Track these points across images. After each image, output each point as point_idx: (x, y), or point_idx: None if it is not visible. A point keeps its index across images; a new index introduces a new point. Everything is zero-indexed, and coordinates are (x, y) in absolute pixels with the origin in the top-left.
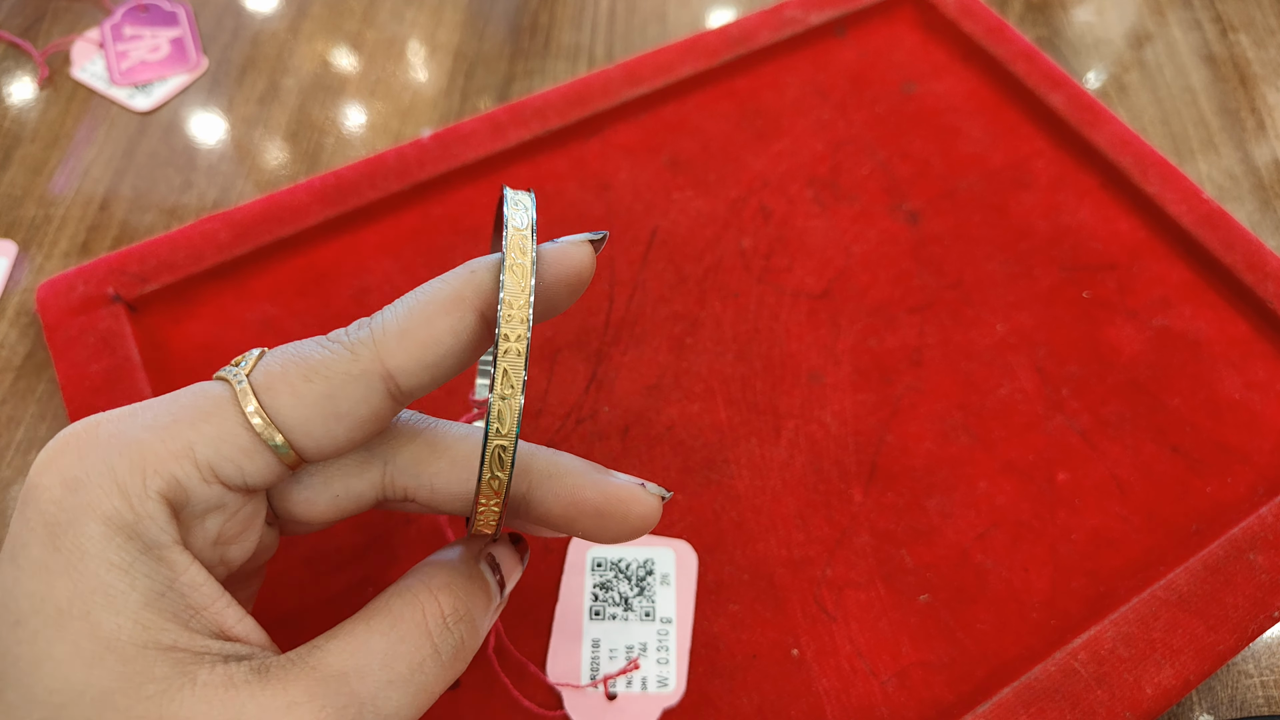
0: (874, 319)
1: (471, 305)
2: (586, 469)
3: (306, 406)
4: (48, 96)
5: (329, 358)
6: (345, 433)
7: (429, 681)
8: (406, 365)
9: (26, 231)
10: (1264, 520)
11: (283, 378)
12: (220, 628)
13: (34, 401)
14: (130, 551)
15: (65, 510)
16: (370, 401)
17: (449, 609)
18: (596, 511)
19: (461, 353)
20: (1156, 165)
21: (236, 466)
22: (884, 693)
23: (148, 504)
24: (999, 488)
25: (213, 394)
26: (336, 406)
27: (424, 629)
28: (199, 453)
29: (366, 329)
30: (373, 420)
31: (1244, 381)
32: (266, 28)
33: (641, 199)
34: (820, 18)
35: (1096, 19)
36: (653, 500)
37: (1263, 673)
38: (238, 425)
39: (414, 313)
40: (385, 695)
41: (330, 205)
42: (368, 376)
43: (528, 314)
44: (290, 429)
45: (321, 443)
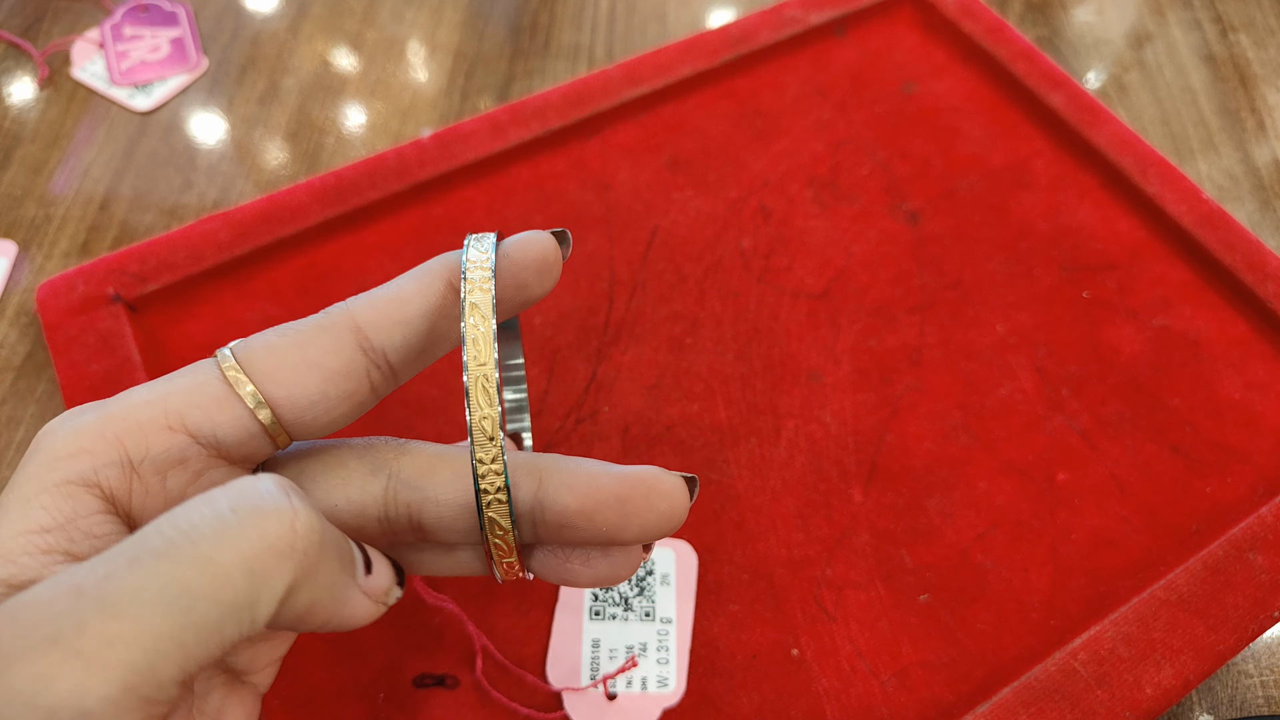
0: (874, 319)
1: (439, 274)
2: (597, 462)
3: (276, 354)
4: (48, 96)
5: (302, 320)
6: (317, 384)
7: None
8: (374, 319)
9: (26, 231)
10: (1264, 520)
11: (259, 338)
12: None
13: (34, 401)
14: (43, 482)
15: (27, 458)
16: (341, 352)
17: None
18: (617, 499)
19: (430, 313)
20: (1156, 165)
21: (205, 414)
22: (884, 693)
23: (95, 441)
24: (999, 488)
25: (196, 363)
26: (306, 354)
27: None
28: (169, 401)
29: (341, 302)
30: (344, 373)
31: (1244, 381)
32: (266, 28)
33: (641, 199)
34: (820, 17)
35: (1096, 19)
36: (675, 480)
37: (1262, 673)
38: (210, 376)
39: (383, 285)
40: (120, 577)
41: (330, 205)
42: (336, 328)
43: (491, 261)
44: (262, 378)
45: (294, 392)
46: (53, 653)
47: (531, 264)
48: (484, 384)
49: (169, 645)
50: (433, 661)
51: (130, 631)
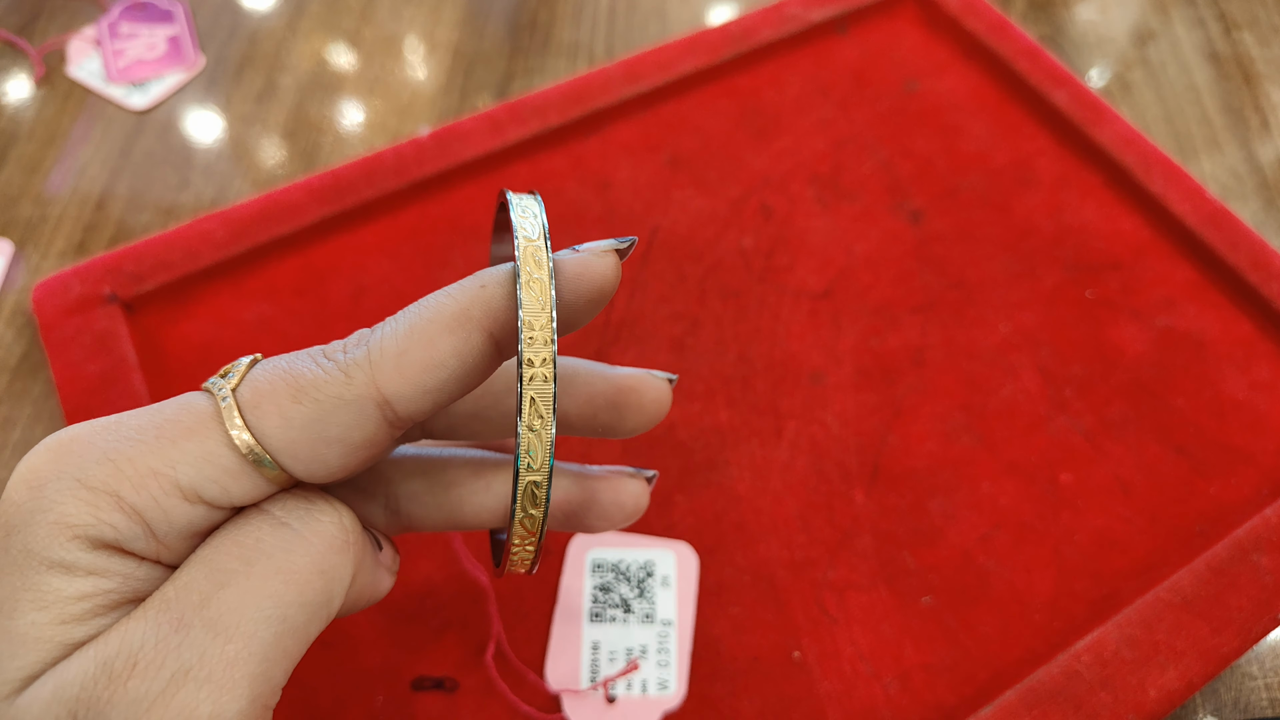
0: (876, 319)
1: (479, 324)
2: (591, 366)
3: (294, 429)
4: (44, 95)
5: (321, 378)
6: (337, 459)
7: (282, 564)
8: (404, 391)
9: (23, 231)
10: (1268, 521)
11: (270, 395)
12: None
13: (30, 402)
14: (75, 551)
15: (24, 512)
16: (364, 428)
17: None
18: (610, 404)
19: (465, 376)
20: (1160, 164)
21: (221, 488)
22: (886, 695)
23: (115, 515)
24: (1002, 489)
25: (196, 408)
26: (326, 431)
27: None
28: (180, 473)
29: (364, 348)
30: (367, 446)
31: (1248, 382)
32: (264, 25)
33: (641, 198)
34: (822, 15)
35: (1099, 17)
36: (661, 383)
37: (1266, 675)
38: (221, 445)
39: (415, 331)
40: (218, 601)
41: (328, 204)
42: (361, 402)
43: (551, 334)
44: (277, 451)
45: (311, 466)
46: (186, 685)
47: (587, 300)
48: (534, 490)
49: (276, 653)
50: (431, 664)
51: (244, 650)
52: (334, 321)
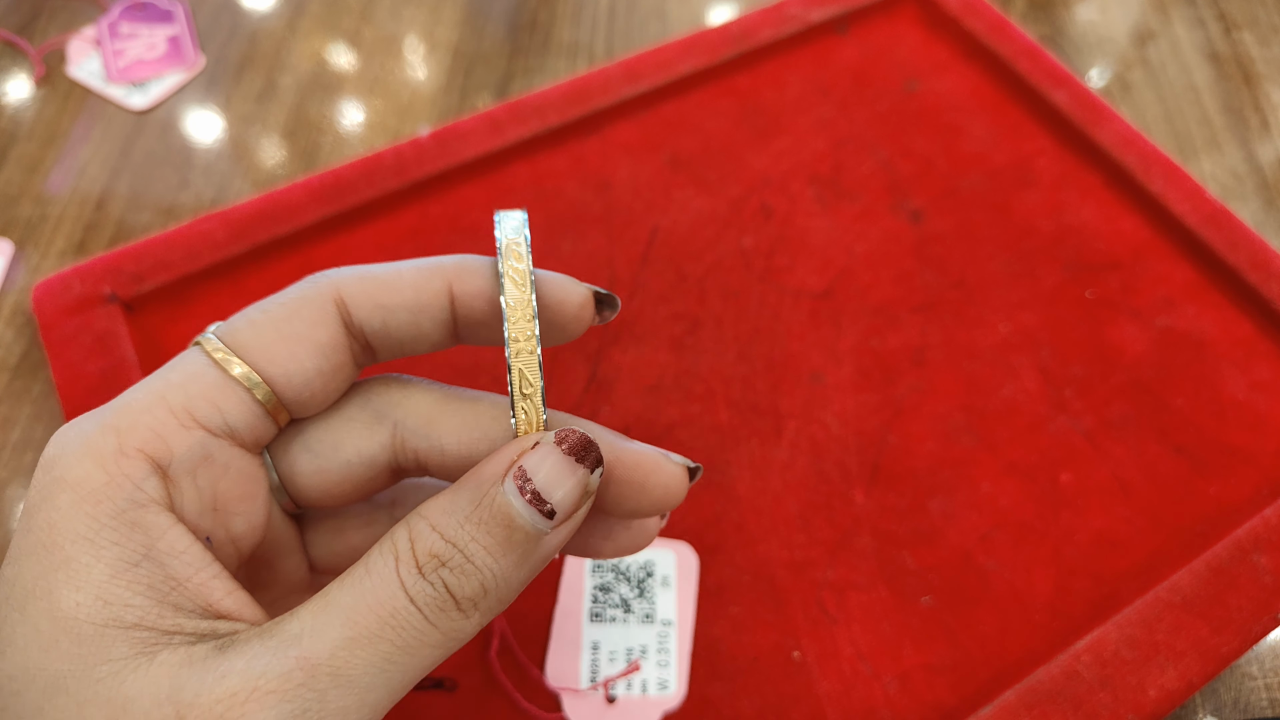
0: (876, 319)
1: (442, 274)
2: (602, 432)
3: (263, 333)
4: (44, 95)
5: (285, 292)
6: (309, 357)
7: (410, 639)
8: (358, 296)
9: (23, 231)
10: (1268, 521)
11: (242, 317)
12: (206, 601)
13: (29, 402)
14: (98, 518)
15: (39, 490)
16: (326, 324)
17: (424, 552)
18: (612, 479)
19: (418, 310)
20: (1160, 164)
21: (212, 404)
22: (886, 695)
23: (123, 462)
24: (1002, 489)
25: (182, 354)
26: (293, 327)
27: (395, 580)
28: (171, 399)
29: (332, 269)
30: (333, 346)
31: (1248, 382)
32: (264, 25)
33: (641, 197)
34: (822, 15)
35: (1099, 17)
36: (675, 469)
37: (1266, 675)
38: (203, 365)
39: (384, 265)
40: (346, 655)
41: (327, 204)
42: (320, 299)
43: (532, 311)
44: (254, 358)
45: (288, 368)
46: None
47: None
48: (515, 248)
49: (383, 706)
50: None
51: (358, 704)
52: None
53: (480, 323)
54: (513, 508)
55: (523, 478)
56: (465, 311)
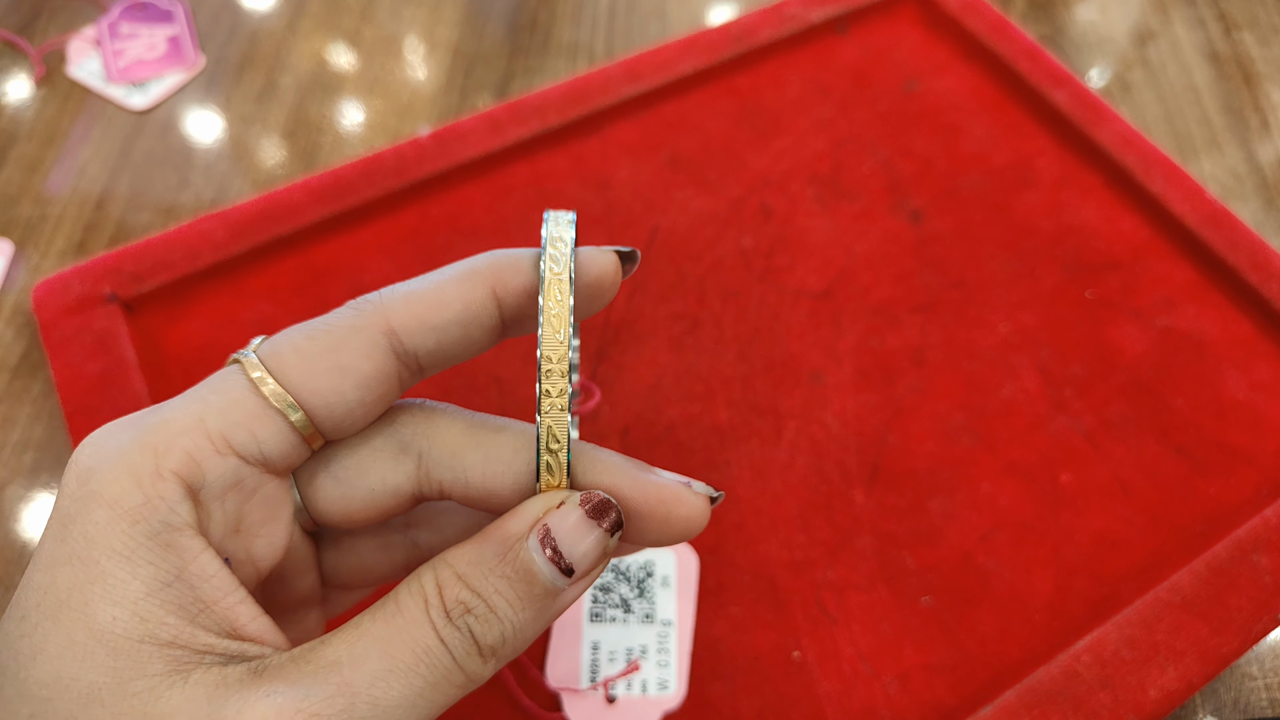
0: (876, 319)
1: (485, 280)
2: (625, 464)
3: (309, 362)
4: (44, 95)
5: (332, 318)
6: (352, 390)
7: (439, 677)
8: (409, 323)
9: (23, 231)
10: (1268, 521)
11: (287, 341)
12: (232, 625)
13: (29, 402)
14: (135, 537)
15: (75, 501)
16: (374, 357)
17: (452, 599)
18: (634, 512)
19: (469, 323)
20: (1160, 164)
21: (249, 433)
22: (886, 695)
23: (159, 484)
24: (1002, 489)
25: (222, 372)
26: (339, 359)
27: (427, 621)
28: (209, 423)
29: (375, 294)
30: (379, 378)
31: (1248, 382)
32: (264, 25)
33: (641, 197)
34: (821, 15)
35: (1099, 17)
36: (698, 501)
37: (1266, 675)
38: (245, 390)
39: (423, 280)
40: (384, 686)
41: (327, 204)
42: (370, 330)
43: (568, 365)
44: (296, 387)
45: (330, 400)
46: None
47: (590, 284)
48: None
49: None
50: None
51: None
52: None
53: (530, 317)
54: (535, 564)
55: (546, 536)
56: (513, 312)
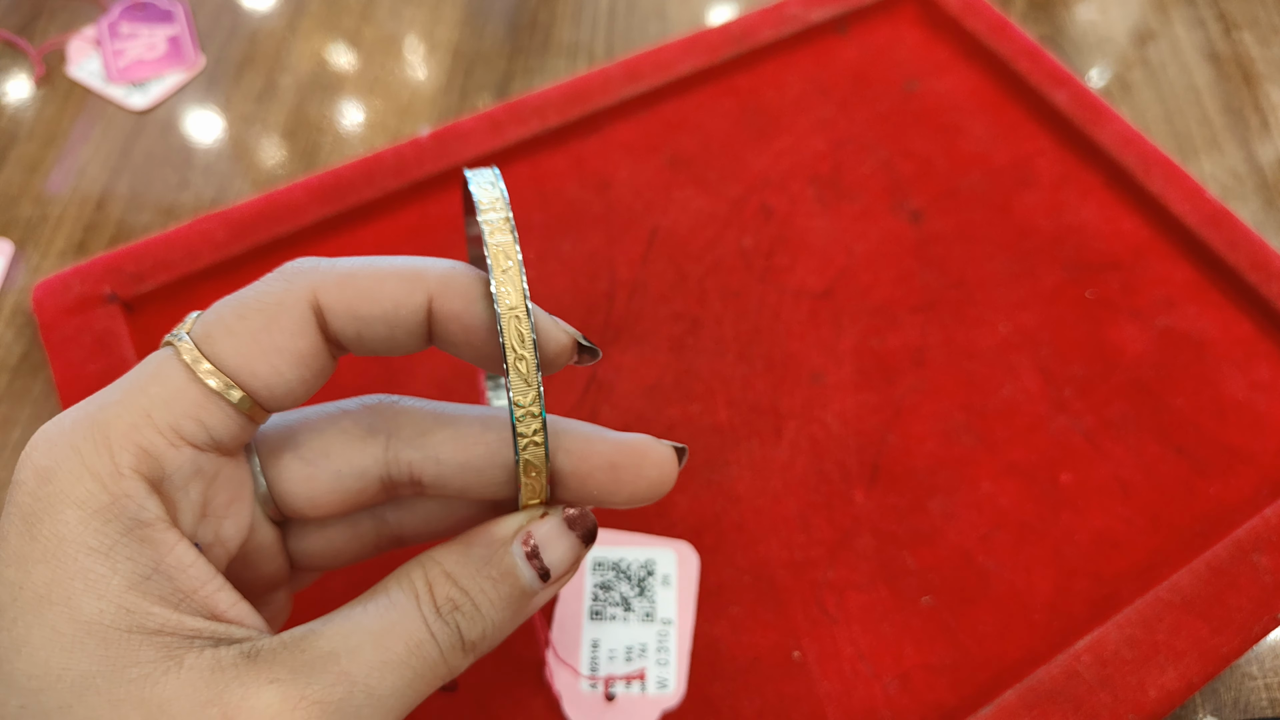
0: (876, 318)
1: (425, 288)
2: (593, 427)
3: (244, 344)
4: (44, 95)
5: (261, 289)
6: (290, 369)
7: (426, 668)
8: (336, 305)
9: (23, 231)
10: (1268, 521)
11: (218, 323)
12: (212, 611)
13: (30, 402)
14: (110, 534)
15: (39, 500)
16: (306, 334)
17: (442, 597)
18: (610, 464)
19: (396, 325)
20: (1160, 164)
21: (196, 422)
22: (886, 695)
23: (122, 482)
24: (1002, 489)
25: (157, 357)
26: (273, 339)
27: (418, 615)
28: (156, 417)
29: (311, 261)
30: (313, 354)
31: (1248, 382)
32: (264, 25)
33: (641, 197)
34: (822, 15)
35: (1099, 17)
36: (666, 450)
37: (1266, 675)
38: (184, 380)
39: (364, 265)
40: (378, 676)
41: (328, 204)
42: (299, 305)
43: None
44: (235, 371)
45: (270, 381)
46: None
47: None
48: (517, 325)
49: (399, 713)
50: None
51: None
52: None
53: (458, 344)
54: (518, 568)
55: (529, 543)
56: (442, 331)
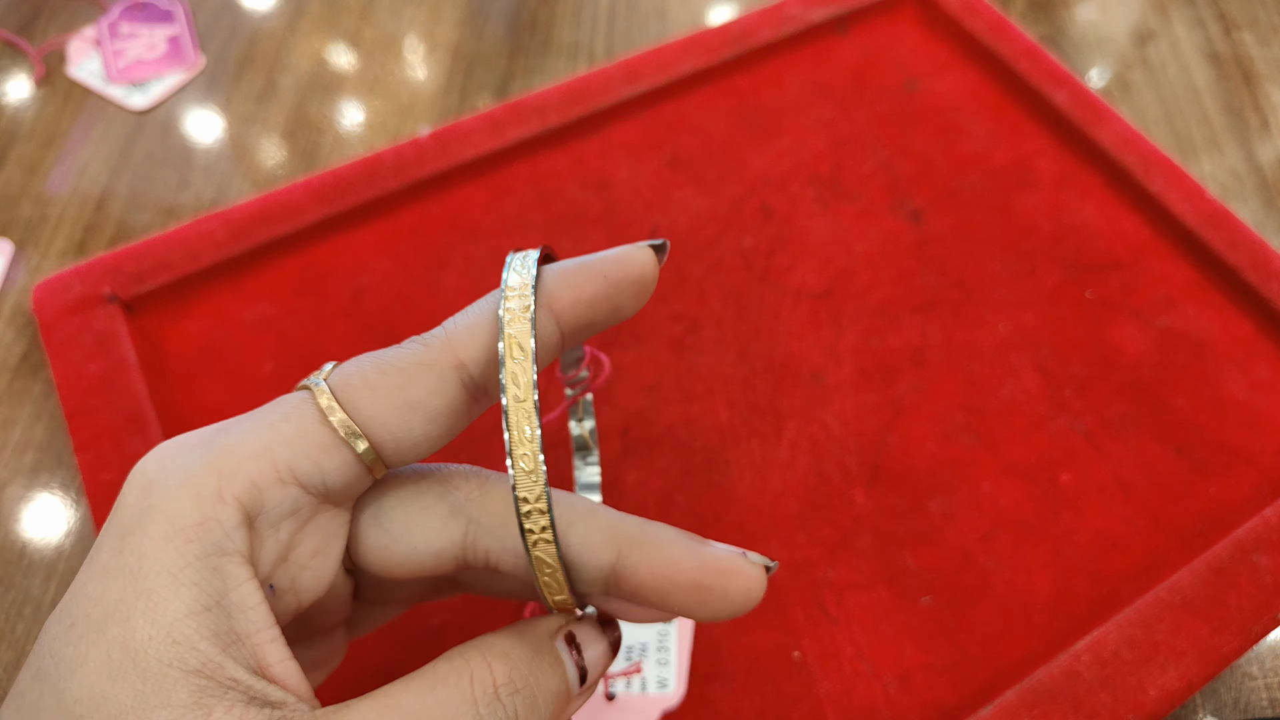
0: (876, 319)
1: (546, 304)
2: (682, 538)
3: (381, 397)
4: (44, 95)
5: (401, 352)
6: (421, 425)
7: None
8: (477, 355)
9: (23, 231)
10: (1268, 521)
11: (358, 374)
12: (260, 662)
13: (30, 402)
14: (185, 555)
15: (136, 513)
16: (445, 391)
17: (503, 678)
18: (694, 584)
19: (549, 351)
20: (1160, 164)
21: (314, 464)
22: (886, 695)
23: (219, 506)
24: (1002, 489)
25: (291, 398)
26: (410, 395)
27: (469, 696)
28: (277, 453)
29: (440, 329)
30: (448, 413)
31: (1248, 382)
32: (264, 25)
33: (641, 197)
34: (821, 15)
35: (1099, 17)
36: (756, 572)
37: (1266, 675)
38: (314, 421)
39: (484, 312)
40: None
41: (328, 204)
42: (441, 366)
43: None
44: (366, 421)
45: (398, 434)
46: None
47: (630, 285)
48: (525, 418)
49: None
50: None
51: None
52: (334, 321)
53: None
54: (566, 662)
55: (571, 639)
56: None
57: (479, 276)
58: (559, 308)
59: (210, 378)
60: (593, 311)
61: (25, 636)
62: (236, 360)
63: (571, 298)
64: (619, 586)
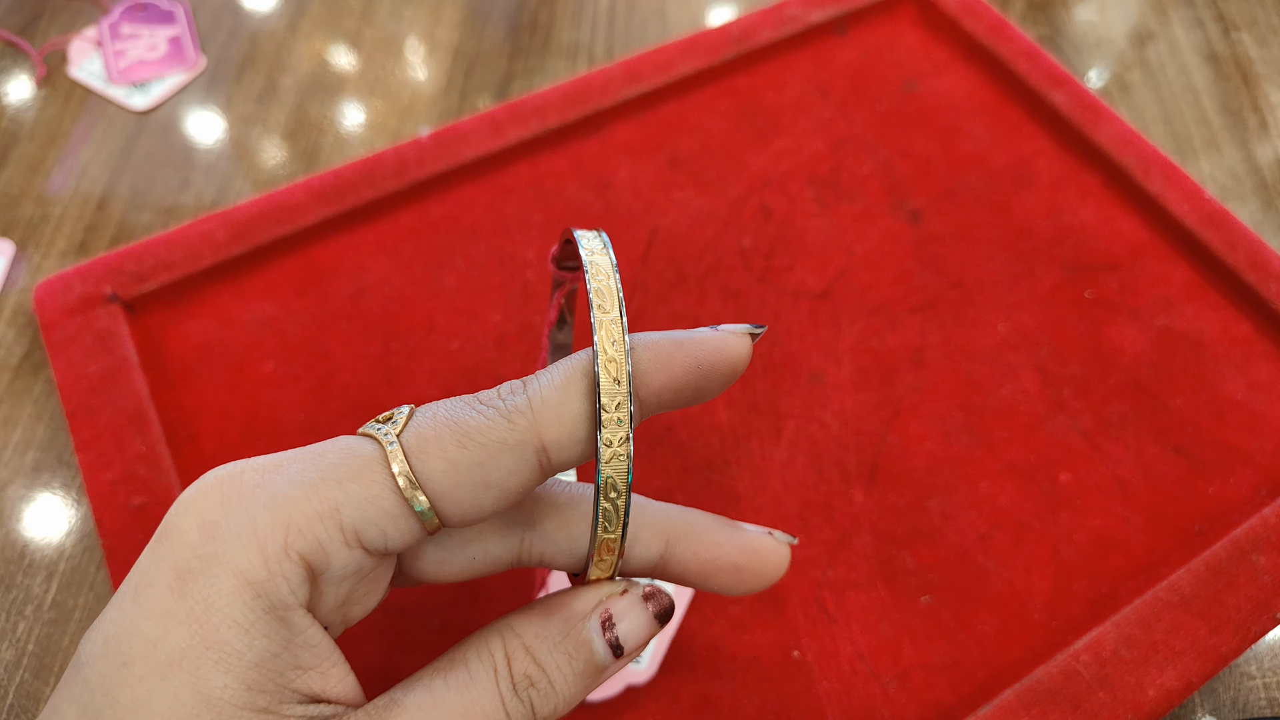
0: (875, 319)
1: (634, 390)
2: (719, 525)
3: (458, 473)
4: (45, 95)
5: (485, 424)
6: (492, 502)
7: None
8: (562, 439)
9: (24, 231)
10: (1266, 521)
11: (435, 441)
12: (322, 688)
13: (31, 402)
14: (255, 609)
15: (199, 557)
16: (521, 473)
17: (520, 673)
18: (734, 567)
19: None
20: (1159, 165)
21: (380, 530)
22: (885, 694)
23: (285, 564)
24: (1001, 488)
25: (362, 452)
26: (487, 475)
27: (495, 691)
28: (345, 515)
29: (523, 396)
30: (520, 491)
31: (1247, 382)
32: (265, 26)
33: (641, 198)
34: (821, 16)
35: (1098, 17)
36: (784, 549)
37: (1265, 674)
38: (385, 488)
39: (572, 385)
40: None
41: (328, 204)
42: (522, 448)
43: (628, 413)
44: (438, 495)
45: (467, 510)
46: None
47: (721, 377)
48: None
49: None
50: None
51: None
52: (334, 321)
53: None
54: (594, 644)
55: (607, 618)
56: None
57: (479, 277)
58: (646, 394)
59: (211, 377)
60: (678, 398)
61: (26, 636)
62: (237, 360)
63: (660, 384)
64: (665, 572)
